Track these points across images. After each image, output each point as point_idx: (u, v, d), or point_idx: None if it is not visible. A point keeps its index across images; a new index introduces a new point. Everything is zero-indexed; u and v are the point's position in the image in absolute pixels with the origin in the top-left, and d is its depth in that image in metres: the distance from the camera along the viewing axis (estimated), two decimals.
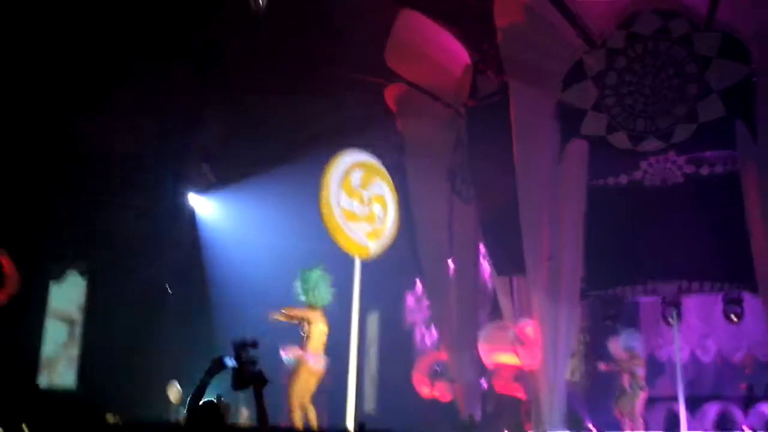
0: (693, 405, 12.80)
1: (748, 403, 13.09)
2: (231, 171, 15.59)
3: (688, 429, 12.11)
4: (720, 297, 12.59)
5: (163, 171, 15.31)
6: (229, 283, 14.42)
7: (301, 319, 11.23)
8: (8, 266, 13.32)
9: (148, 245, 15.39)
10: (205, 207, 15.96)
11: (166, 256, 15.57)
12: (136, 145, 14.65)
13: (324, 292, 11.49)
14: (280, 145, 14.79)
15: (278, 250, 13.39)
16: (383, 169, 11.96)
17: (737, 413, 13.04)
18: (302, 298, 11.36)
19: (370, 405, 13.07)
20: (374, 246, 11.53)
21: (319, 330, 11.25)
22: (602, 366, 13.08)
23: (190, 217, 15.88)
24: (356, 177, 11.58)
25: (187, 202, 15.92)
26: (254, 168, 14.87)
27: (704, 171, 11.92)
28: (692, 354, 13.71)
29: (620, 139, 11.98)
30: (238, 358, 6.02)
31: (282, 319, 11.17)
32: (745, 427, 12.59)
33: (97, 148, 14.28)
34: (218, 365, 6.01)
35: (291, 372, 11.12)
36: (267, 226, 14.67)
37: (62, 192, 14.28)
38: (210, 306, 14.72)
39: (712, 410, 13.13)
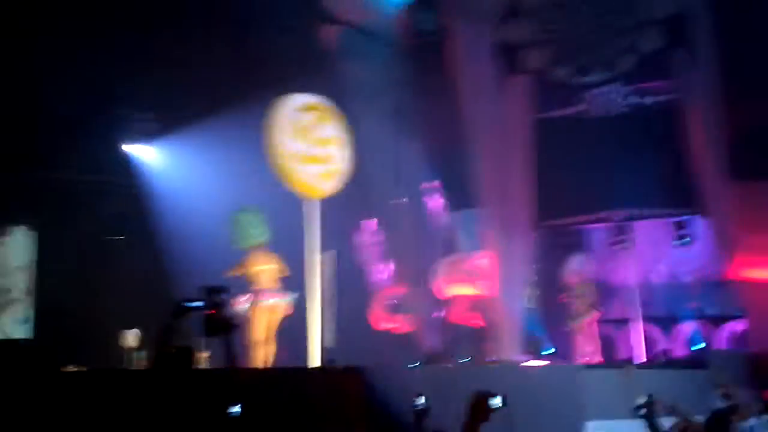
0: (661, 325, 13.25)
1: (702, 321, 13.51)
2: (174, 118, 15.38)
3: (662, 347, 12.54)
4: (669, 222, 12.94)
5: (104, 122, 15.04)
6: (179, 231, 14.32)
7: (243, 270, 11.38)
8: None
9: (92, 197, 15.19)
10: (149, 155, 15.76)
11: (111, 207, 15.37)
12: (74, 98, 14.31)
13: (257, 232, 11.63)
14: (223, 91, 14.61)
15: (226, 196, 13.31)
16: (334, 110, 11.91)
17: (702, 331, 13.47)
18: (238, 242, 11.52)
19: (329, 341, 13.22)
20: (327, 186, 11.55)
21: (263, 270, 11.38)
22: (559, 297, 13.43)
23: (135, 167, 15.64)
24: (306, 119, 11.54)
25: (130, 151, 15.68)
26: (197, 115, 14.68)
27: (648, 101, 12.15)
28: (644, 277, 14.03)
29: (563, 72, 12.13)
30: (210, 304, 6.00)
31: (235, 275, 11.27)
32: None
33: (34, 103, 13.93)
34: (182, 308, 5.99)
35: (246, 316, 11.25)
36: (213, 172, 14.56)
37: None
38: (161, 254, 14.57)
39: (684, 329, 13.53)
